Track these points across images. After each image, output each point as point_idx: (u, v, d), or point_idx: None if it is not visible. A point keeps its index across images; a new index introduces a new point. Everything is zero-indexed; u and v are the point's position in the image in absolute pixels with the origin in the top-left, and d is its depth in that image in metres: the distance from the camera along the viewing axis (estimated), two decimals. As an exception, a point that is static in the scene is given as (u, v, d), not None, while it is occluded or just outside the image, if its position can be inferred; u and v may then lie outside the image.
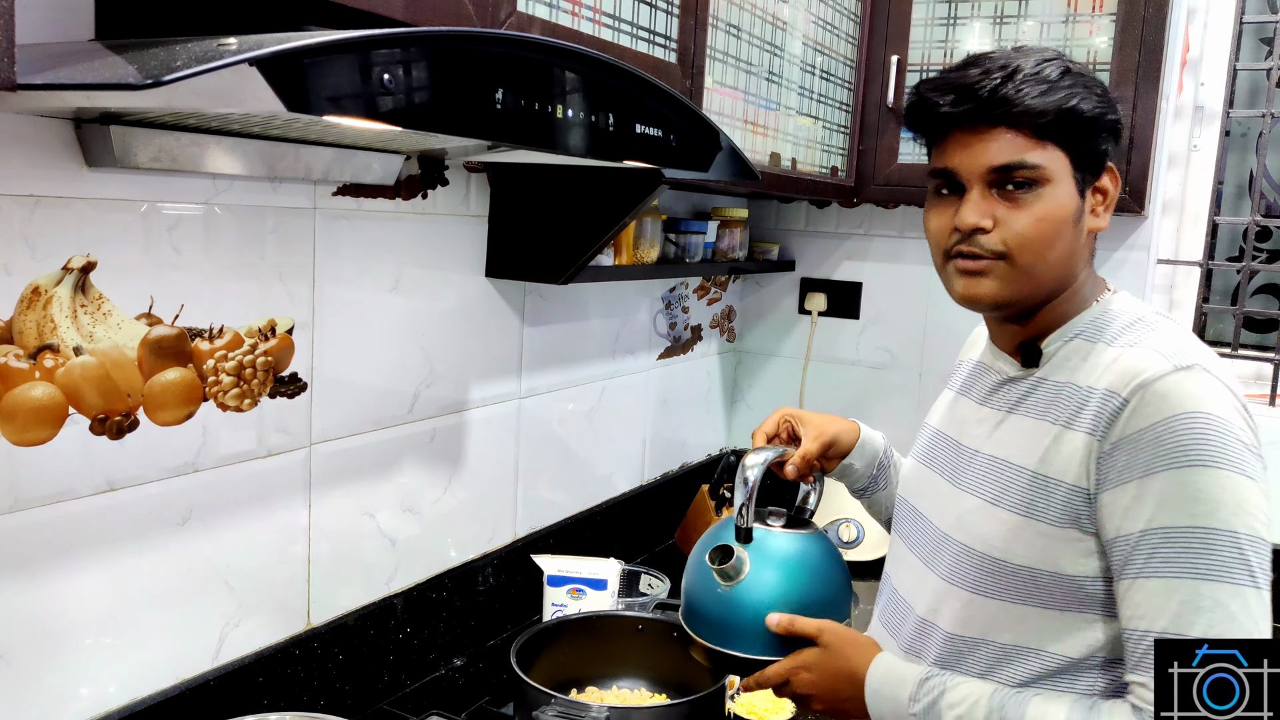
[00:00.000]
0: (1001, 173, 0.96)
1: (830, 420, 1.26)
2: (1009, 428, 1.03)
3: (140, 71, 0.67)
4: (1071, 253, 0.99)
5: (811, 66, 1.91)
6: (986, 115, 0.96)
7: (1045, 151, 0.96)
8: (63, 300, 1.05)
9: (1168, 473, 0.88)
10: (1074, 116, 0.96)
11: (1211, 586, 0.86)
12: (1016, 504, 0.98)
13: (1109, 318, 1.00)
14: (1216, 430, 0.88)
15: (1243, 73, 2.17)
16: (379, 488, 1.49)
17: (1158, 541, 0.88)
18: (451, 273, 1.57)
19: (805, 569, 1.13)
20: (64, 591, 1.09)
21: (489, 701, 1.50)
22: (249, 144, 1.15)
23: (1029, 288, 0.99)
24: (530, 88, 0.95)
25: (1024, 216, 0.96)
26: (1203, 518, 0.87)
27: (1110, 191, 1.01)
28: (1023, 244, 0.96)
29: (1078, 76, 0.97)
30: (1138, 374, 0.91)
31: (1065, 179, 0.97)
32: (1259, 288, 2.28)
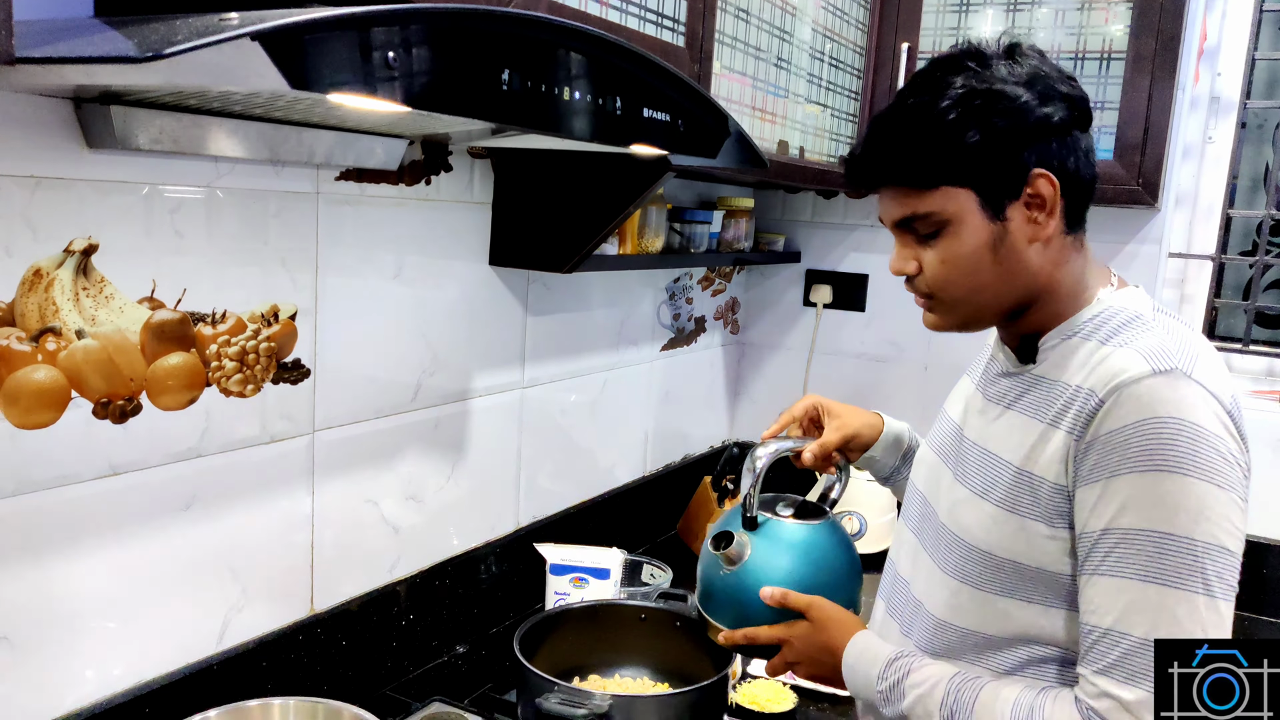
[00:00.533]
0: (902, 225, 1.01)
1: (856, 413, 1.27)
2: (1003, 423, 1.03)
3: (140, 45, 0.66)
4: (1012, 272, 0.98)
5: (821, 53, 1.89)
6: (870, 180, 1.01)
7: (936, 196, 0.97)
8: (64, 283, 1.05)
9: (1132, 475, 0.88)
10: (956, 156, 0.95)
11: (1159, 590, 0.86)
12: (1002, 499, 0.99)
13: (1106, 316, 0.99)
14: (1188, 436, 0.86)
15: (1261, 62, 2.14)
16: (382, 476, 1.48)
17: (1115, 541, 0.89)
18: (454, 260, 1.56)
19: (807, 556, 1.15)
20: (68, 575, 1.09)
21: (491, 688, 1.50)
22: (251, 126, 1.14)
23: (972, 315, 1.02)
24: (537, 69, 0.94)
25: (934, 260, 1.00)
26: (1161, 522, 0.86)
27: (1047, 195, 0.95)
28: (941, 285, 1.00)
29: (974, 101, 0.94)
30: (1116, 375, 0.91)
31: (970, 212, 0.96)
32: (1271, 283, 2.25)
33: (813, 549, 1.16)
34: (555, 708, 1.20)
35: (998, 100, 0.94)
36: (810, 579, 1.14)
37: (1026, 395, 1.01)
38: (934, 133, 0.95)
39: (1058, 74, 0.97)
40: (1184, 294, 2.24)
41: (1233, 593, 0.88)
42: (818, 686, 1.55)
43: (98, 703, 1.13)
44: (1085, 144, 0.98)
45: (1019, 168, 0.95)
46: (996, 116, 0.94)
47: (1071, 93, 0.96)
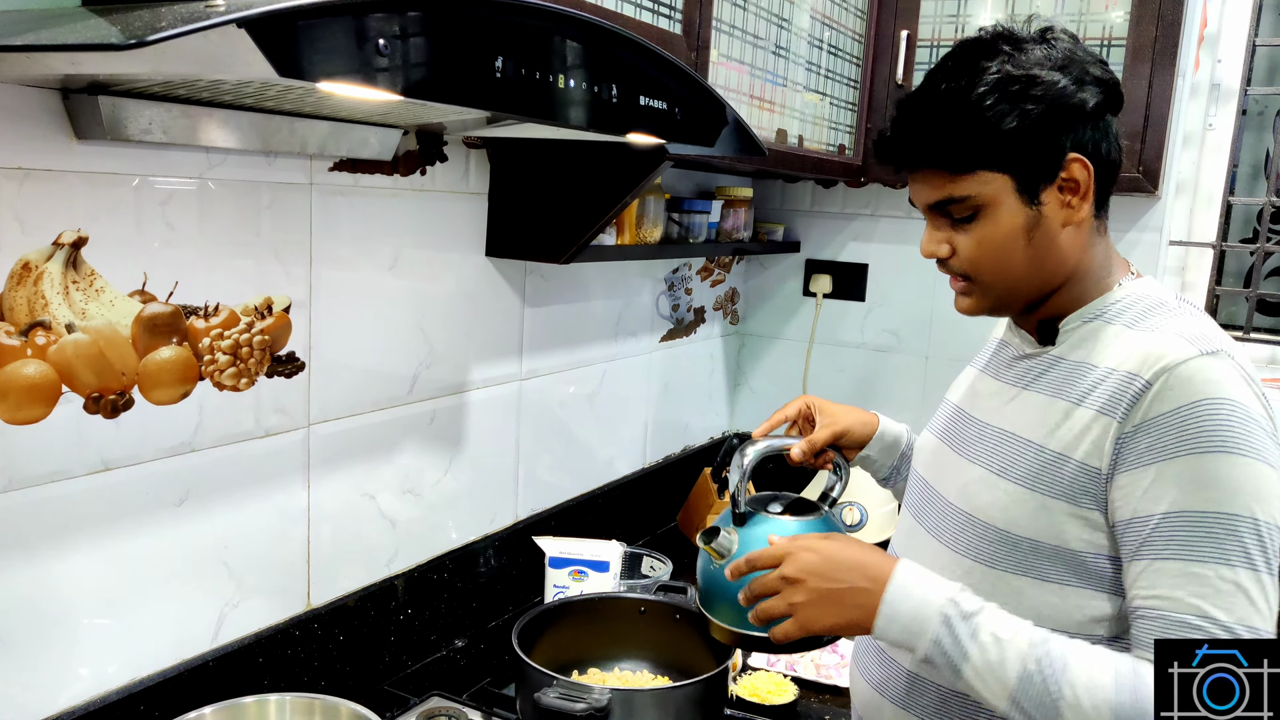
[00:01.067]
0: (937, 208, 1.01)
1: (848, 411, 1.27)
2: (1021, 403, 1.03)
3: (124, 33, 0.64)
4: (1045, 255, 0.99)
5: (819, 41, 1.88)
6: (907, 162, 1.00)
7: (972, 180, 0.97)
8: (54, 276, 1.03)
9: (1189, 457, 0.88)
10: (994, 141, 0.95)
11: (1231, 570, 0.86)
12: (1021, 476, 0.98)
13: (1130, 301, 1.00)
14: (1240, 417, 0.87)
15: (1261, 49, 2.13)
16: (379, 469, 1.47)
17: (1176, 525, 0.88)
18: (451, 251, 1.55)
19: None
20: (61, 572, 1.08)
21: (490, 683, 1.49)
22: (242, 116, 1.13)
23: (1007, 298, 1.03)
24: (531, 56, 0.92)
25: (969, 243, 1.00)
26: (1223, 503, 0.87)
27: (1081, 180, 0.96)
28: (976, 267, 1.01)
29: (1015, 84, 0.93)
30: (1161, 357, 0.91)
31: (1006, 196, 0.97)
32: (1272, 270, 2.24)
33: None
34: (554, 702, 1.19)
35: (1034, 85, 0.94)
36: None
37: (1045, 375, 1.01)
38: (971, 118, 0.95)
39: (1090, 57, 0.97)
40: (1185, 281, 2.23)
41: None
42: (818, 678, 1.55)
43: (92, 700, 1.12)
44: (1115, 128, 0.99)
45: (1055, 152, 0.95)
46: (1033, 101, 0.94)
47: (1104, 76, 0.97)
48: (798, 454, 1.23)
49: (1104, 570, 0.95)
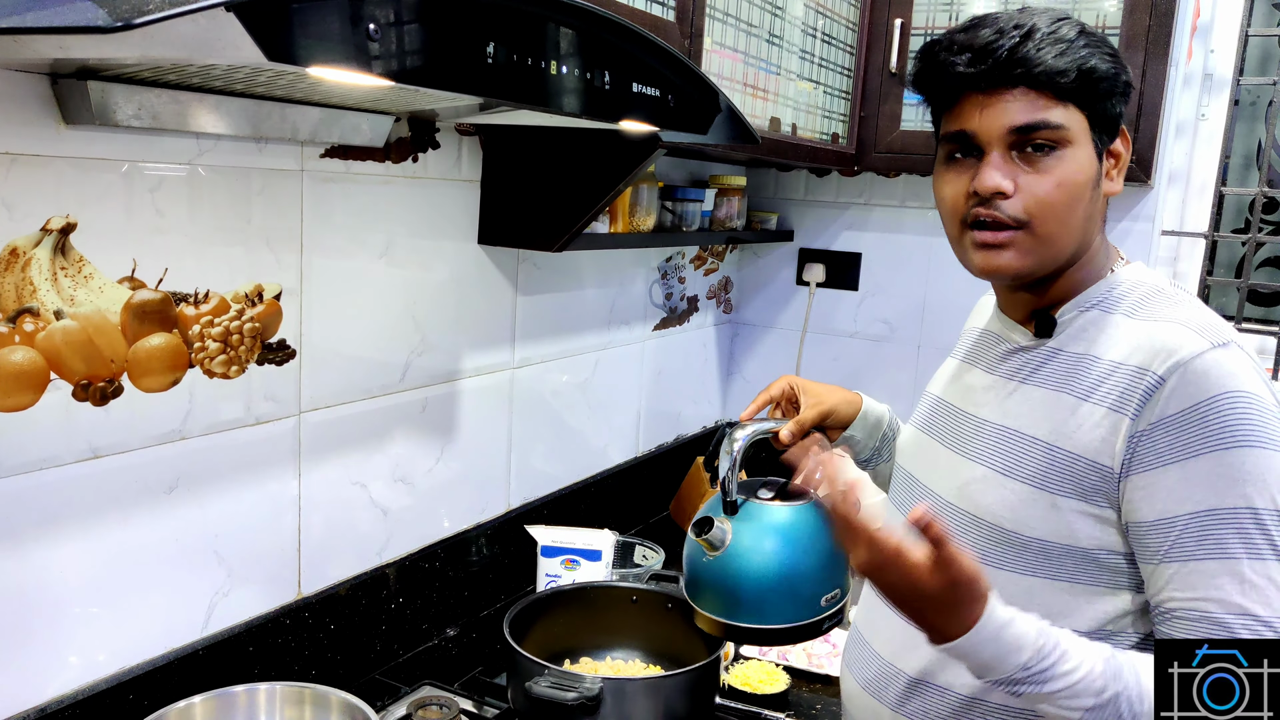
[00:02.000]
0: (1022, 134, 0.93)
1: (832, 390, 1.25)
2: (1020, 398, 1.01)
3: (110, 15, 0.64)
4: (1089, 218, 0.98)
5: (813, 29, 1.87)
6: (1005, 75, 0.93)
7: (1066, 111, 0.93)
8: (42, 262, 1.03)
9: (1213, 454, 0.86)
10: (1092, 76, 0.93)
11: (1264, 565, 0.85)
12: (1029, 475, 0.96)
13: (1127, 288, 0.98)
14: (1258, 409, 0.86)
15: (1254, 39, 2.13)
16: (370, 457, 1.47)
17: (1208, 524, 0.87)
18: (443, 239, 1.54)
19: (790, 538, 1.12)
20: (50, 560, 1.07)
21: (482, 672, 1.49)
22: (233, 102, 1.12)
23: (1049, 256, 0.97)
24: (523, 42, 0.92)
25: (1046, 181, 0.93)
26: (1253, 499, 0.85)
27: (1123, 155, 0.98)
28: (1045, 210, 0.94)
29: (1090, 36, 0.95)
30: (1174, 351, 0.89)
31: (1085, 141, 0.95)
32: (1264, 260, 2.25)
33: (796, 531, 1.14)
34: (545, 691, 1.19)
35: (1108, 46, 0.96)
36: (794, 561, 1.12)
37: (1044, 368, 0.99)
38: (1079, 48, 0.93)
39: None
40: (1177, 272, 2.23)
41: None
42: (810, 667, 1.55)
43: (81, 689, 1.11)
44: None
45: (1117, 117, 0.97)
46: (1116, 62, 0.95)
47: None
48: (787, 435, 1.21)
49: (1117, 565, 0.94)
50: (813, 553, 1.13)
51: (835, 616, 1.15)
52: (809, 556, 1.13)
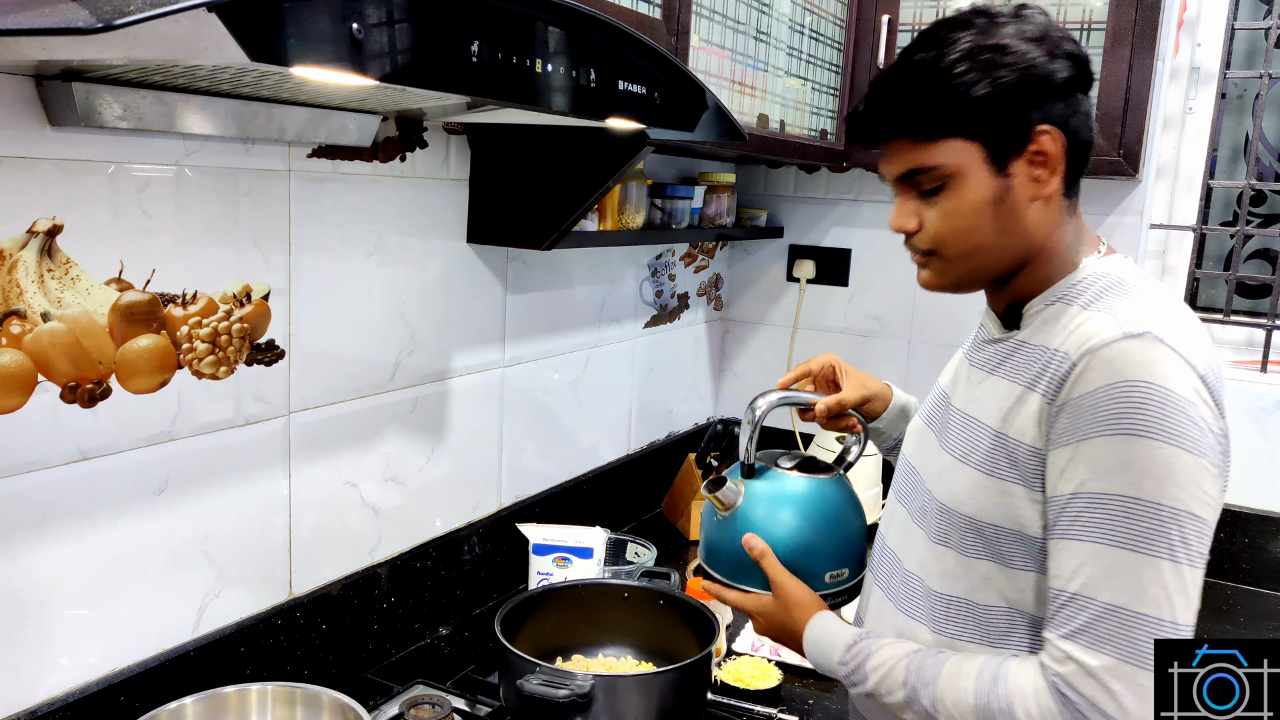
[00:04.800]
0: (906, 179, 1.00)
1: (872, 379, 1.29)
2: (987, 388, 1.03)
3: (92, 16, 0.64)
4: (1011, 229, 0.98)
5: (801, 26, 1.87)
6: (876, 134, 1.00)
7: (941, 148, 0.96)
8: (28, 265, 1.02)
9: (1102, 439, 0.87)
10: (963, 108, 0.95)
11: (1124, 555, 0.86)
12: (982, 462, 0.99)
13: (1090, 281, 0.99)
14: (1157, 400, 0.86)
15: (1240, 32, 2.14)
16: (361, 457, 1.47)
17: (1083, 505, 0.89)
18: (432, 238, 1.54)
19: (799, 510, 1.14)
20: (39, 563, 1.07)
21: (474, 670, 1.49)
22: (219, 103, 1.12)
23: (970, 272, 1.02)
24: (507, 40, 0.92)
25: (936, 215, 0.99)
26: (1128, 487, 0.86)
27: (1051, 151, 0.96)
28: (942, 240, 1.00)
29: (979, 57, 0.94)
30: (1089, 339, 0.91)
31: (975, 166, 0.96)
32: (1252, 253, 2.26)
33: (808, 502, 1.15)
34: (537, 689, 1.19)
35: (1005, 54, 0.94)
36: (800, 532, 1.13)
37: (1010, 360, 1.01)
38: (941, 85, 0.95)
39: (1064, 34, 0.98)
40: (1165, 265, 2.24)
41: (1202, 560, 0.87)
42: (803, 662, 1.56)
43: (72, 691, 1.11)
44: (1086, 106, 0.98)
45: (1025, 122, 0.95)
46: (1003, 70, 0.94)
47: (1077, 52, 0.97)
48: (823, 408, 1.23)
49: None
50: (822, 528, 1.15)
51: (839, 596, 1.15)
52: (817, 530, 1.14)
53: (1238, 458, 2.08)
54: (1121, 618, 0.86)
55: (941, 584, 1.02)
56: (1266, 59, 2.10)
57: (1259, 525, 2.03)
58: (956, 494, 1.01)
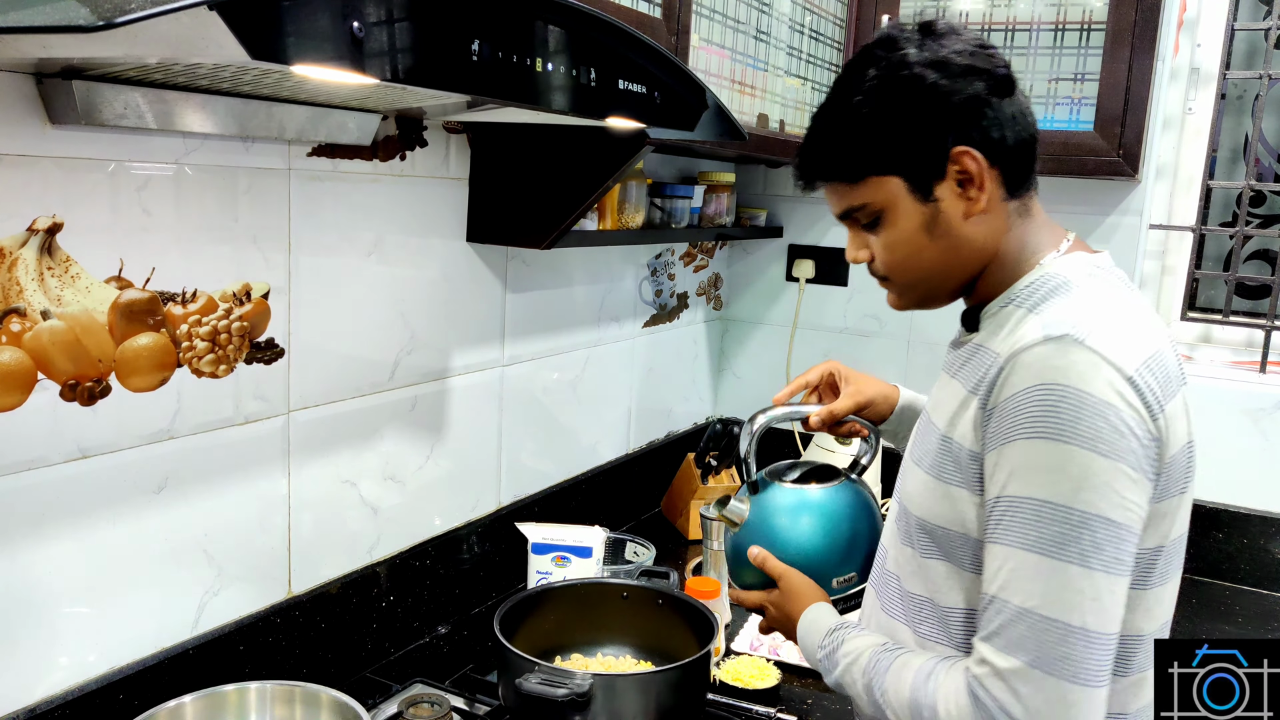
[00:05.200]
0: (844, 217, 1.04)
1: (873, 382, 1.29)
2: (946, 391, 1.03)
3: (93, 14, 0.64)
4: (953, 248, 0.99)
5: (801, 26, 1.87)
6: (808, 180, 1.05)
7: (866, 187, 0.99)
8: (28, 263, 1.02)
9: (1019, 443, 0.88)
10: (876, 146, 0.97)
11: (1036, 559, 0.86)
12: (932, 466, 1.00)
13: (1040, 283, 0.98)
14: (1071, 404, 0.86)
15: (1240, 33, 2.14)
16: (360, 456, 1.47)
17: (1005, 508, 0.89)
18: (431, 237, 1.54)
19: (804, 520, 1.17)
20: (38, 561, 1.07)
21: (473, 669, 1.49)
22: (219, 101, 1.12)
23: (927, 292, 1.05)
24: (507, 39, 0.92)
25: (880, 246, 1.02)
26: (1041, 489, 0.86)
27: (973, 170, 0.95)
28: (892, 268, 1.03)
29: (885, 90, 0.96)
30: (1017, 342, 0.91)
31: (901, 198, 0.98)
32: (1252, 254, 2.26)
33: (811, 512, 1.17)
34: (535, 688, 1.20)
35: (907, 86, 0.95)
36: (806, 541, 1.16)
37: (968, 364, 1.01)
38: (852, 127, 0.98)
39: (972, 48, 0.96)
40: (1165, 265, 2.24)
41: (1120, 566, 0.87)
42: (802, 662, 1.56)
43: (71, 689, 1.11)
44: (1011, 110, 0.97)
45: (940, 147, 0.96)
46: (908, 102, 0.95)
47: (984, 65, 0.96)
48: (816, 420, 1.25)
49: None
50: (828, 535, 1.17)
51: (851, 599, 1.18)
52: (823, 538, 1.17)
53: (1235, 458, 2.09)
54: (1031, 622, 0.86)
55: (911, 584, 1.04)
56: (1266, 59, 2.10)
57: (1259, 526, 2.03)
58: (912, 496, 1.03)
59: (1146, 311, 0.97)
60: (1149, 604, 0.95)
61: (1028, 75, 1.93)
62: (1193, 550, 2.05)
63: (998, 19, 1.96)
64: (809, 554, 1.16)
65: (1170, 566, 0.97)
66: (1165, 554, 0.95)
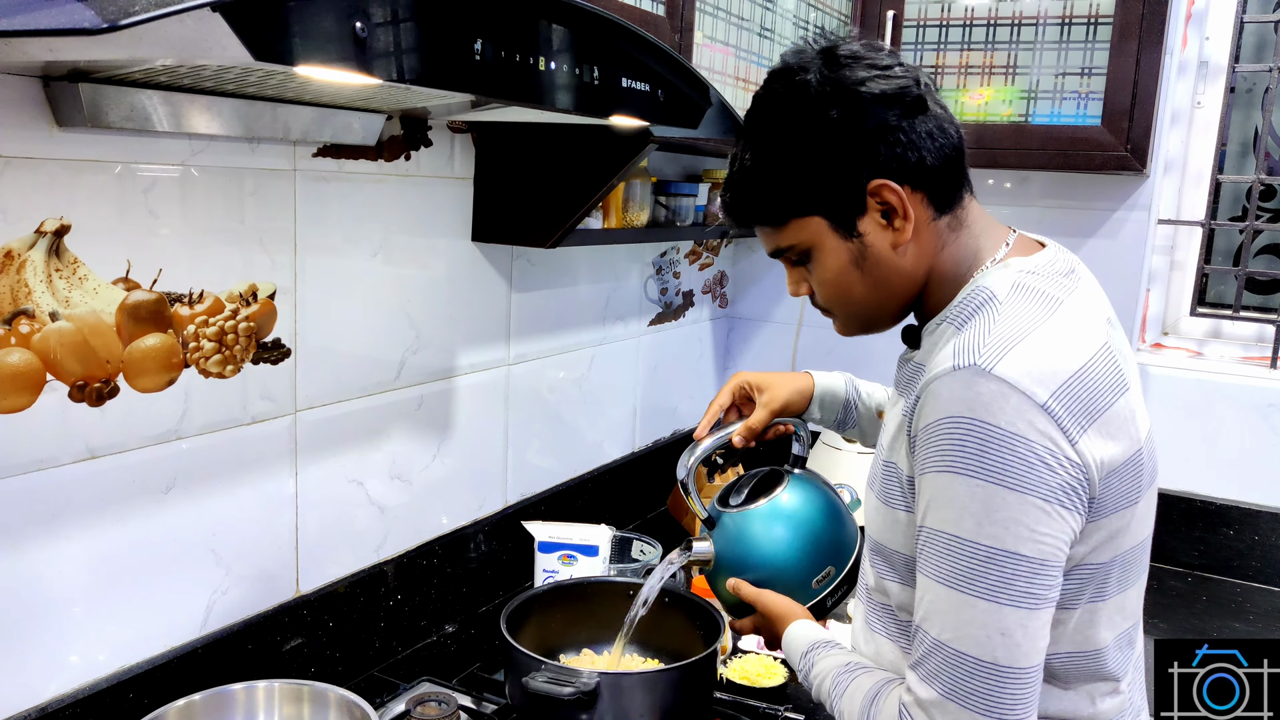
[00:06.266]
0: (777, 255, 1.03)
1: (784, 383, 1.28)
2: (890, 411, 1.03)
3: (98, 16, 0.64)
4: (885, 278, 0.97)
5: (805, 22, 1.87)
6: (737, 223, 1.05)
7: (789, 229, 0.98)
8: (37, 264, 1.03)
9: (931, 475, 0.87)
10: (789, 191, 0.96)
11: (947, 592, 0.86)
12: (880, 491, 1.00)
13: (968, 298, 0.95)
14: (976, 437, 0.84)
15: (1250, 25, 2.13)
16: (367, 455, 1.47)
17: (924, 539, 0.89)
18: (436, 236, 1.54)
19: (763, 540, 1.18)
20: (48, 561, 1.08)
21: (480, 668, 1.49)
22: (224, 103, 1.12)
23: (868, 319, 1.04)
24: (510, 38, 0.92)
25: (815, 282, 1.02)
26: (949, 524, 0.86)
27: (894, 200, 0.93)
28: (828, 302, 1.03)
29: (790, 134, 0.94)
30: (932, 369, 0.89)
31: (825, 236, 0.97)
32: (1262, 248, 2.25)
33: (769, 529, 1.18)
34: (542, 686, 1.20)
35: (813, 125, 0.93)
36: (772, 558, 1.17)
37: (910, 383, 1.00)
38: (766, 171, 0.97)
39: (875, 70, 0.93)
40: (1174, 261, 2.23)
41: (1032, 599, 0.85)
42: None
43: (81, 688, 1.12)
44: (926, 127, 0.93)
45: (854, 184, 0.93)
46: (816, 142, 0.93)
47: (888, 90, 0.92)
48: (739, 441, 1.25)
49: None
50: (792, 544, 1.18)
51: (836, 593, 1.19)
52: (788, 548, 1.18)
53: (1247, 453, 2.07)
54: (945, 655, 0.86)
55: (881, 597, 1.04)
56: (1276, 52, 2.09)
57: (1269, 522, 2.03)
58: (870, 519, 1.04)
59: (1079, 318, 0.92)
60: (1108, 615, 0.94)
61: (1034, 70, 1.93)
62: (1202, 547, 2.06)
63: (1004, 13, 1.95)
64: (780, 568, 1.17)
65: (1129, 574, 0.96)
66: (1121, 564, 0.93)
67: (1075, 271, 0.98)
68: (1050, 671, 0.94)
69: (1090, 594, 0.92)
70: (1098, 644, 0.95)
